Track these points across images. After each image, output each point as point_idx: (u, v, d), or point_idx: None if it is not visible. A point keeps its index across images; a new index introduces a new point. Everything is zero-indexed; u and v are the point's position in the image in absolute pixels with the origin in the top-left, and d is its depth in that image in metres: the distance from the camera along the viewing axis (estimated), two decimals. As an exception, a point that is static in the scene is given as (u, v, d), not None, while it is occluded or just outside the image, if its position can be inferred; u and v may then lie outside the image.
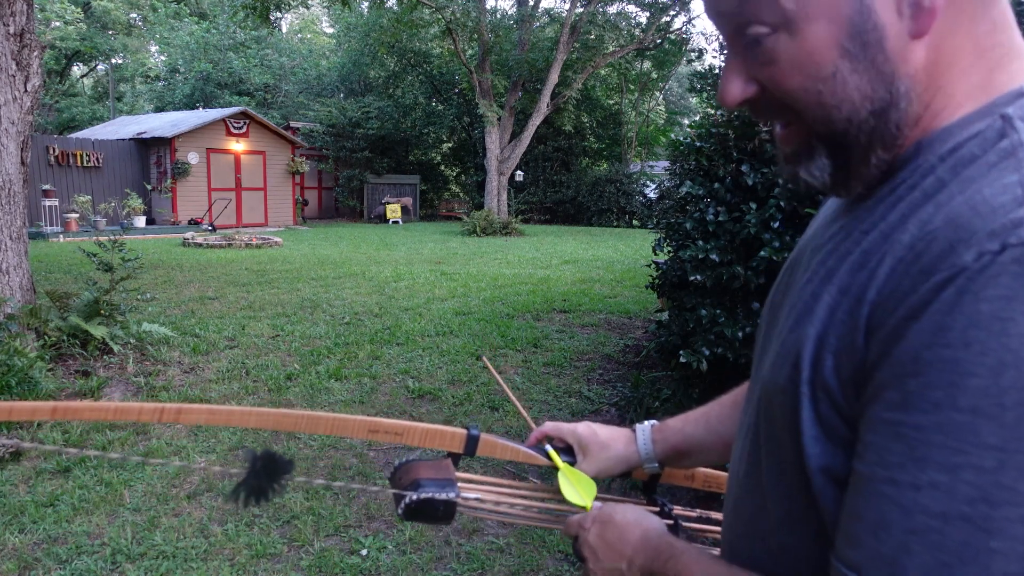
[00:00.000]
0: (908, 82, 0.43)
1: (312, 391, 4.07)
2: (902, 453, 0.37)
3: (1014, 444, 0.34)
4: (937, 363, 0.36)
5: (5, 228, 4.12)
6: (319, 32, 32.99)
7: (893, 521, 0.37)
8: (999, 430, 0.34)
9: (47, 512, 2.58)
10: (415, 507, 0.73)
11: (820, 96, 0.44)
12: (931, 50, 0.42)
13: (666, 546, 0.59)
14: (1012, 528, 0.34)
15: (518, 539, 2.48)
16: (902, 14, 0.42)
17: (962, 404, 0.35)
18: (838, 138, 0.46)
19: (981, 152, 0.40)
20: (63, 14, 23.67)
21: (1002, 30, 0.42)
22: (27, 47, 4.29)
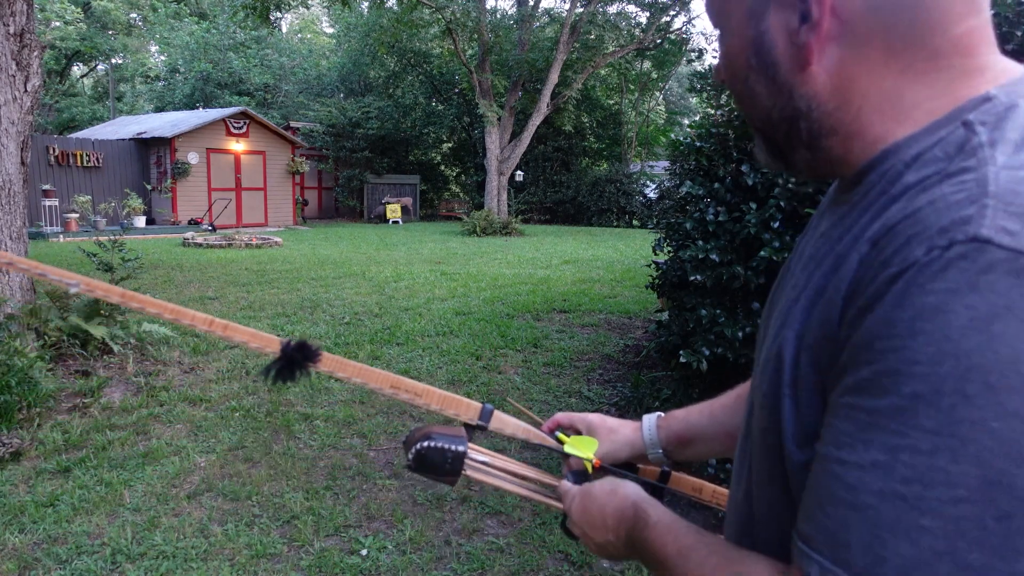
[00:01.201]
0: (809, 100, 0.49)
1: (312, 391, 4.07)
2: (852, 434, 0.40)
3: (948, 429, 0.36)
4: (886, 351, 0.38)
5: (5, 228, 4.12)
6: (319, 32, 32.99)
7: (839, 497, 0.39)
8: (936, 415, 0.36)
9: (47, 512, 2.58)
10: (424, 453, 0.74)
11: (740, 94, 0.54)
12: (833, 77, 0.48)
13: (641, 515, 0.61)
14: (943, 507, 0.36)
15: (518, 539, 2.48)
16: (792, 46, 0.48)
17: (905, 390, 0.37)
18: (760, 131, 0.55)
19: (944, 155, 0.43)
20: (63, 14, 23.67)
21: (956, 54, 0.46)
22: (27, 47, 4.29)
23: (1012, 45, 2.11)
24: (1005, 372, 0.35)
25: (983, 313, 0.36)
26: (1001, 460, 0.35)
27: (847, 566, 0.38)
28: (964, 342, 0.36)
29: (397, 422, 3.62)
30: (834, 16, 0.46)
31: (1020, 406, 0.35)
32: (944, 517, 0.36)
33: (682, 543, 0.55)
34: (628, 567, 2.32)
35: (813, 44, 0.47)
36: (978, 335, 0.36)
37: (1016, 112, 0.43)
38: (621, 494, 0.65)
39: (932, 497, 0.36)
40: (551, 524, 2.58)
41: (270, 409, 3.74)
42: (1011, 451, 0.35)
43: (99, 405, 3.70)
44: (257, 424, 3.54)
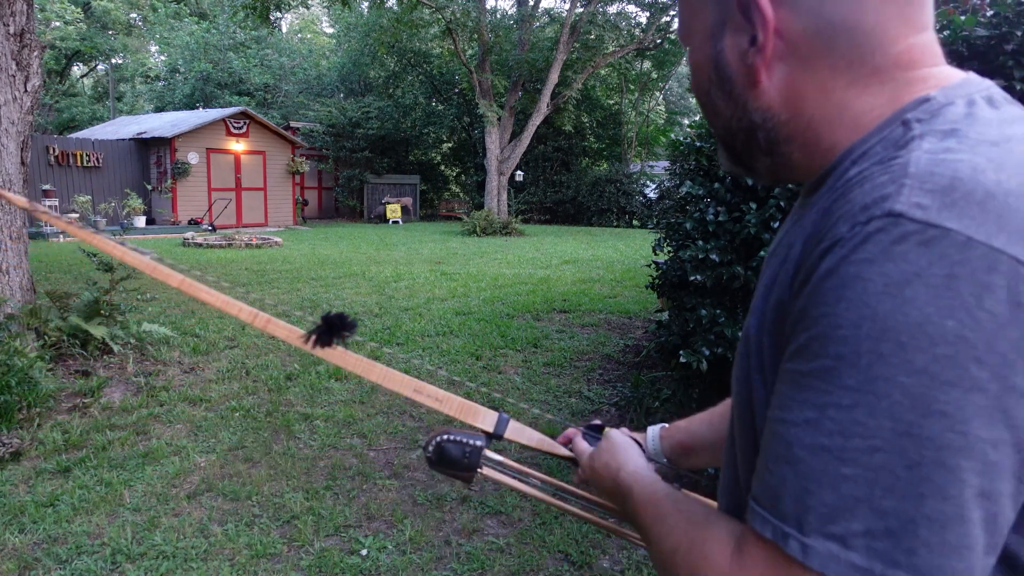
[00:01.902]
0: (763, 113, 0.54)
1: (312, 391, 4.07)
2: (790, 396, 0.43)
3: (866, 385, 0.39)
4: (816, 317, 0.42)
5: (5, 228, 4.12)
6: (319, 32, 32.99)
7: (778, 454, 0.43)
8: (856, 373, 0.40)
9: (47, 512, 2.58)
10: (444, 445, 0.78)
11: (704, 105, 0.59)
12: (783, 92, 0.52)
13: (624, 489, 0.65)
14: (860, 457, 0.39)
15: (518, 539, 2.48)
16: (743, 64, 0.53)
17: (831, 351, 0.41)
18: (722, 139, 0.59)
19: (882, 149, 0.47)
20: (63, 14, 23.66)
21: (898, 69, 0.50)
22: (27, 47, 4.29)
23: (1012, 45, 2.11)
24: (914, 333, 0.38)
25: (895, 280, 0.39)
26: (910, 413, 0.38)
27: (783, 517, 0.42)
28: (879, 306, 0.39)
29: (397, 422, 3.62)
30: (779, 38, 0.51)
31: (927, 363, 0.38)
32: (862, 466, 0.39)
33: (659, 510, 0.58)
34: (628, 567, 2.32)
35: (760, 64, 0.52)
36: (891, 300, 0.39)
37: (950, 108, 0.47)
38: (613, 467, 0.69)
39: (851, 448, 0.39)
40: (551, 524, 2.58)
41: (270, 409, 3.74)
42: (918, 404, 0.38)
43: (99, 405, 3.70)
44: (257, 424, 3.54)
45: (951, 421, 0.38)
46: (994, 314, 0.38)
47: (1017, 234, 0.40)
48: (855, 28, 0.49)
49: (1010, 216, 0.40)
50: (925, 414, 0.38)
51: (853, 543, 0.39)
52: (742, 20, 0.52)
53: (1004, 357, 0.38)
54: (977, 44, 2.18)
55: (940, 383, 0.38)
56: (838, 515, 0.39)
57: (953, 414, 0.38)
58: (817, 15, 0.50)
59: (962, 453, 0.38)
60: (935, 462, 0.38)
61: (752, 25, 0.51)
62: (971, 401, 0.38)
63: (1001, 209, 0.40)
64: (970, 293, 0.38)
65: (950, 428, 0.38)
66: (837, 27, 0.50)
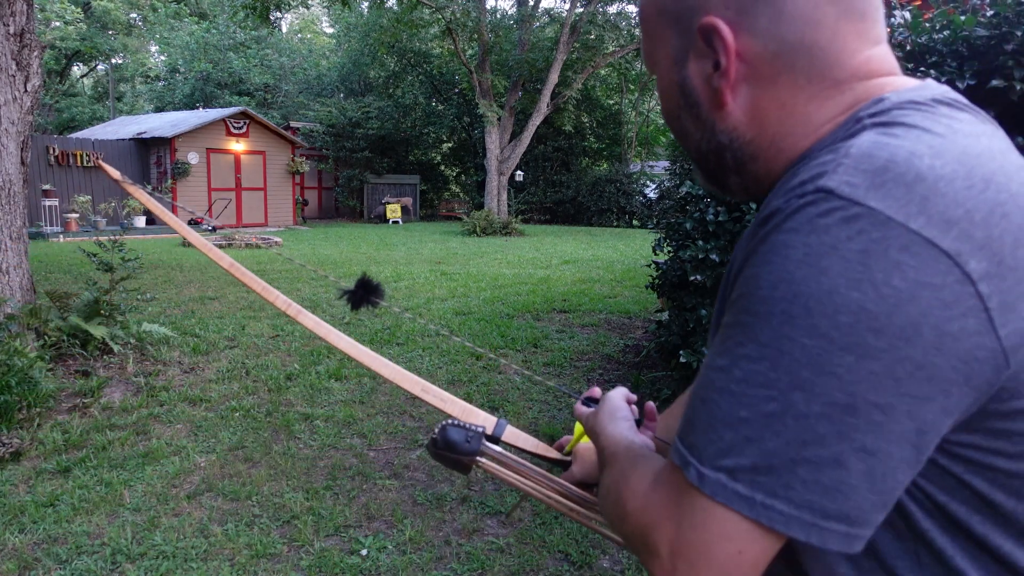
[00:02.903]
0: (730, 134, 0.56)
1: (312, 391, 4.07)
2: (717, 346, 0.48)
3: (774, 343, 0.43)
4: (747, 278, 0.46)
5: (5, 228, 4.12)
6: (319, 32, 32.98)
7: (697, 394, 0.48)
8: (767, 330, 0.44)
9: (47, 512, 2.58)
10: (447, 428, 0.81)
11: (676, 130, 0.62)
12: (748, 112, 0.55)
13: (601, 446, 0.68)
14: (758, 404, 0.43)
15: (518, 539, 2.48)
16: (709, 88, 0.56)
17: (750, 309, 0.45)
18: (695, 160, 0.62)
19: (833, 141, 0.50)
20: (63, 14, 23.66)
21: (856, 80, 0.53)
22: (27, 47, 4.29)
23: (1012, 45, 2.11)
24: (822, 300, 0.42)
25: (815, 250, 0.42)
26: (806, 370, 0.42)
27: (689, 447, 0.47)
28: (796, 273, 0.43)
29: (397, 422, 3.62)
30: (741, 61, 0.53)
31: (828, 329, 0.41)
32: (757, 412, 0.43)
33: (612, 461, 0.62)
34: (628, 567, 2.32)
35: (725, 87, 0.54)
36: (808, 268, 0.42)
37: (903, 106, 0.49)
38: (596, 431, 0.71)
39: (751, 395, 0.44)
40: (551, 524, 2.58)
41: (270, 409, 3.74)
42: (815, 364, 0.42)
43: (99, 405, 3.70)
44: (257, 424, 3.54)
45: (841, 382, 0.41)
46: (898, 290, 0.41)
47: (937, 217, 0.42)
48: (812, 46, 0.52)
49: (936, 200, 0.42)
50: (819, 373, 0.41)
51: (740, 476, 0.44)
52: (704, 46, 0.54)
53: (902, 330, 0.40)
54: (977, 44, 2.18)
55: (837, 348, 0.41)
56: (731, 451, 0.44)
57: (843, 376, 0.41)
58: (775, 37, 0.52)
59: (847, 411, 0.41)
60: (821, 415, 0.42)
61: (714, 51, 0.54)
62: (863, 367, 0.41)
63: (928, 192, 0.42)
64: (879, 269, 0.41)
65: (839, 388, 0.41)
66: (794, 47, 0.52)
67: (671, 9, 0.57)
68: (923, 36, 2.35)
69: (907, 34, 2.40)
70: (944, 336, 0.41)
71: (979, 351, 0.41)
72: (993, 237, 0.42)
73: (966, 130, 0.48)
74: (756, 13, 0.52)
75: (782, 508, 0.43)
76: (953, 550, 0.46)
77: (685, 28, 0.56)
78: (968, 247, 0.41)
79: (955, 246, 0.41)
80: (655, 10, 0.59)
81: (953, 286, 0.41)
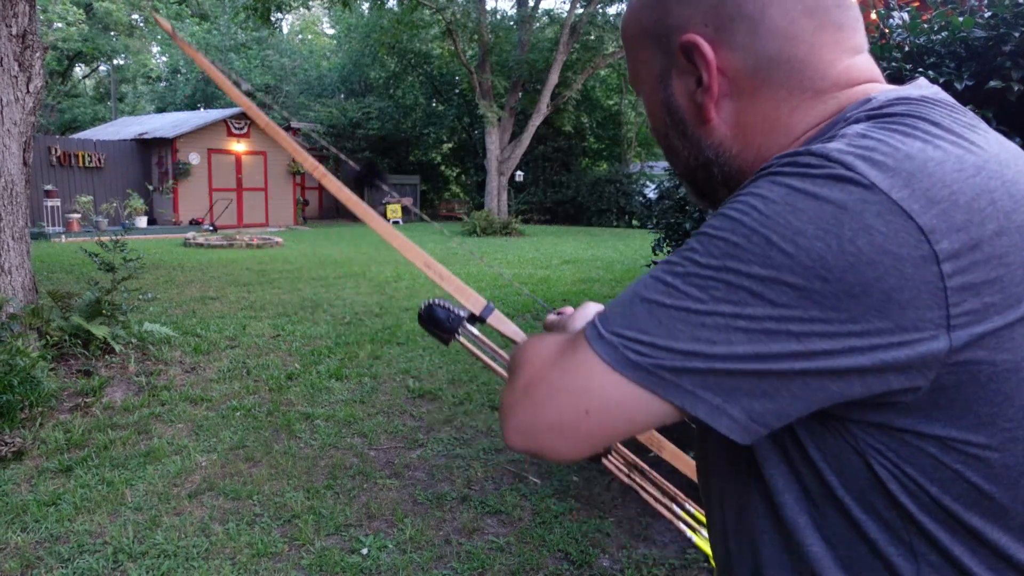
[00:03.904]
0: (716, 149, 0.57)
1: (313, 390, 4.08)
2: (673, 252, 0.50)
3: (726, 256, 0.44)
4: (724, 204, 0.48)
5: (7, 228, 4.13)
6: (320, 33, 33.00)
7: (633, 282, 0.51)
8: (723, 244, 0.45)
9: (49, 511, 2.59)
10: (432, 306, 0.92)
11: (664, 148, 0.63)
12: (732, 127, 0.56)
13: None
14: (687, 301, 0.45)
15: (518, 538, 2.49)
16: (693, 105, 0.57)
17: (716, 224, 0.47)
18: (684, 176, 0.64)
19: (820, 134, 0.52)
20: (65, 15, 23.70)
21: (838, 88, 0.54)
22: (29, 48, 4.31)
23: (1010, 46, 2.12)
24: (786, 236, 0.43)
25: (797, 191, 0.44)
26: (745, 291, 0.43)
27: (602, 317, 0.49)
28: (772, 206, 0.44)
29: (397, 421, 3.63)
30: (722, 76, 0.55)
31: (781, 263, 0.42)
32: (681, 306, 0.45)
33: None
34: (628, 566, 2.33)
35: (708, 103, 0.56)
36: (784, 205, 0.44)
37: (894, 103, 0.50)
38: (564, 330, 0.73)
39: (683, 291, 0.46)
40: (551, 523, 2.59)
41: (271, 409, 3.76)
42: (755, 288, 0.43)
43: (101, 405, 3.71)
44: (258, 423, 3.55)
45: (773, 309, 0.43)
46: (860, 252, 0.41)
47: (921, 193, 0.42)
48: (790, 59, 0.53)
49: (923, 178, 0.43)
50: (755, 296, 0.43)
51: (634, 345, 0.46)
52: (686, 63, 0.56)
53: (850, 289, 0.41)
54: (975, 45, 2.19)
55: (782, 282, 0.42)
56: (636, 326, 0.46)
57: (777, 305, 0.43)
58: (753, 52, 0.53)
59: (769, 336, 0.43)
60: (744, 332, 0.43)
61: (696, 67, 0.55)
62: (801, 305, 0.42)
63: (916, 170, 0.43)
64: (849, 227, 0.42)
65: (770, 316, 0.43)
66: (773, 60, 0.53)
67: (652, 29, 0.58)
68: (921, 37, 2.35)
69: (905, 35, 2.41)
70: (891, 303, 0.41)
71: (922, 323, 0.42)
72: (974, 221, 0.42)
73: (963, 120, 0.49)
74: (733, 29, 0.53)
75: (665, 376, 0.45)
76: (950, 542, 0.46)
77: (666, 47, 0.57)
78: (945, 226, 0.42)
79: (932, 223, 0.42)
80: (637, 31, 0.60)
81: (916, 260, 0.41)
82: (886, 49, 2.34)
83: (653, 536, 2.50)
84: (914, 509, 0.46)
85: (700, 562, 2.33)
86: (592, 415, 0.47)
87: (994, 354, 0.43)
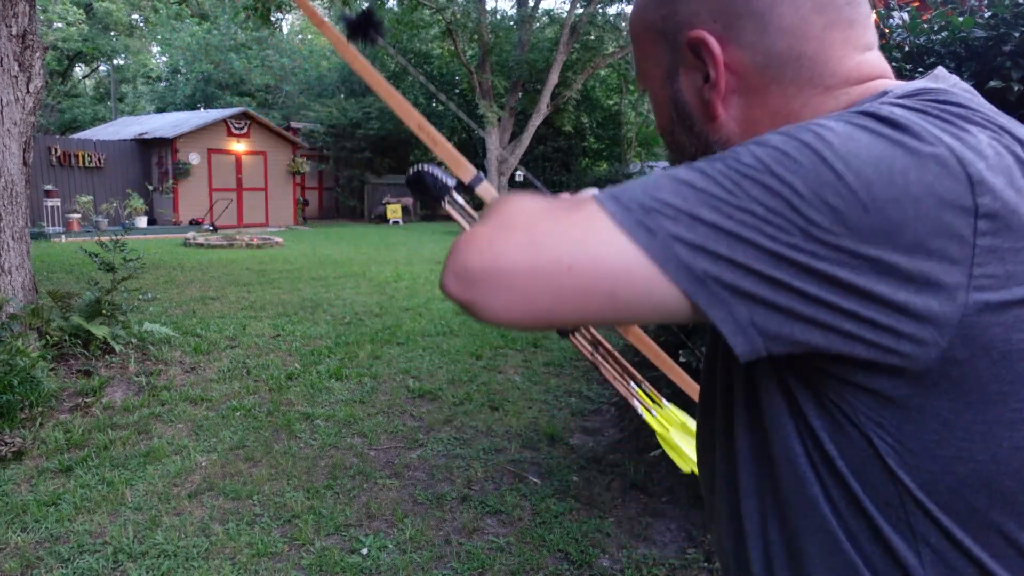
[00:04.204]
0: (724, 145, 0.56)
1: (313, 390, 4.08)
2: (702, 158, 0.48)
3: (711, 167, 0.43)
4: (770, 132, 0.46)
5: (7, 228, 4.13)
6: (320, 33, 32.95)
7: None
8: (719, 159, 0.44)
9: (49, 511, 2.59)
10: (422, 171, 0.92)
11: (670, 144, 0.62)
12: (741, 123, 0.56)
13: None
14: (665, 186, 0.43)
15: (518, 538, 2.49)
16: (700, 101, 0.56)
17: (746, 144, 0.45)
18: None
19: None
20: (65, 15, 23.70)
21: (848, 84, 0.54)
22: (29, 48, 4.31)
23: (1010, 46, 2.12)
24: (837, 154, 0.41)
25: (850, 124, 0.43)
26: (754, 190, 0.41)
27: (618, 188, 0.46)
28: (820, 130, 0.43)
29: (397, 421, 3.63)
30: (730, 73, 0.54)
31: (799, 177, 0.41)
32: (684, 187, 0.43)
33: None
34: (628, 566, 2.33)
35: (716, 99, 0.55)
36: (834, 133, 0.42)
37: (916, 93, 0.49)
38: None
39: (686, 177, 0.43)
40: (551, 523, 2.59)
41: (271, 409, 3.76)
42: (757, 188, 0.41)
43: (101, 405, 3.71)
44: (258, 423, 3.55)
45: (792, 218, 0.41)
46: (907, 187, 0.40)
47: (971, 146, 0.43)
48: (800, 56, 0.53)
49: (967, 137, 0.43)
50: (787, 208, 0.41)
51: (651, 214, 0.42)
52: (694, 59, 0.55)
53: (886, 224, 0.40)
54: (975, 45, 2.19)
55: (813, 195, 0.40)
56: (650, 201, 0.43)
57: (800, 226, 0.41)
58: (762, 49, 0.53)
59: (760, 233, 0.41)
60: (737, 220, 0.41)
61: (703, 63, 0.55)
62: (827, 237, 0.40)
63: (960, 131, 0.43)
64: (902, 162, 0.41)
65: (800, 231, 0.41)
66: (783, 58, 0.53)
67: (659, 25, 0.58)
68: (921, 37, 2.35)
69: (905, 35, 2.41)
70: (921, 248, 0.40)
71: (946, 275, 0.41)
72: (1013, 186, 0.43)
73: (988, 106, 0.49)
74: (741, 26, 0.53)
75: (680, 252, 0.41)
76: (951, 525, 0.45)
77: (673, 43, 0.57)
78: (990, 183, 0.41)
79: (980, 175, 0.41)
80: (644, 27, 0.59)
81: (958, 209, 0.41)
82: (886, 49, 2.34)
83: (653, 536, 2.50)
84: (914, 487, 0.45)
85: (700, 562, 2.34)
86: (574, 272, 0.42)
87: (1010, 332, 0.42)
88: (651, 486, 2.86)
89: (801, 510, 0.49)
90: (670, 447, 0.96)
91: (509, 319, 0.43)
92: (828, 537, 0.48)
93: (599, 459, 3.15)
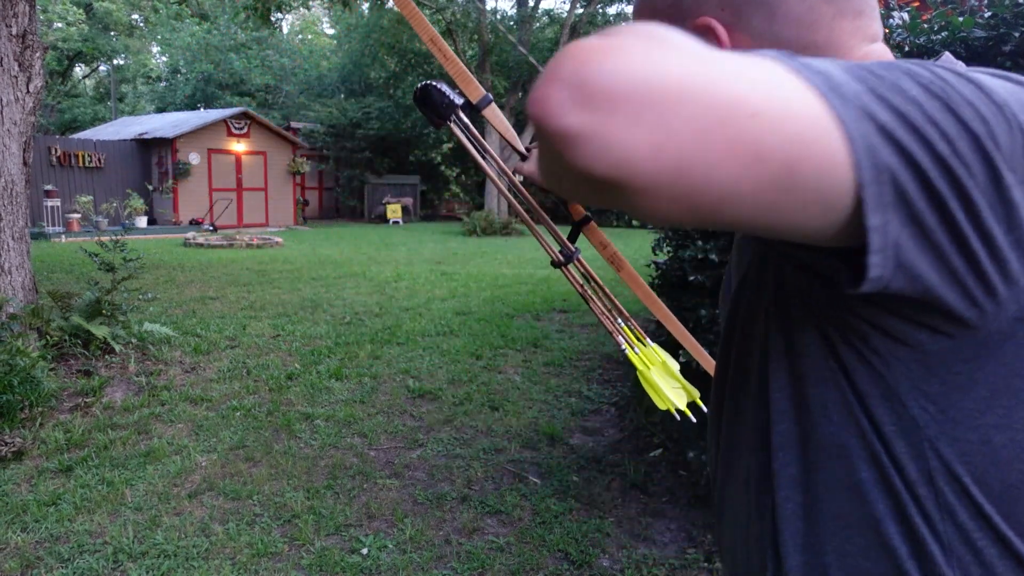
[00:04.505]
0: None
1: (313, 390, 4.08)
2: None
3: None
4: None
5: (8, 228, 4.13)
6: (320, 33, 33.00)
7: None
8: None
9: (49, 511, 2.59)
10: (429, 87, 0.89)
11: None
12: None
13: None
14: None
15: (518, 538, 2.49)
16: None
17: None
18: None
19: None
20: (65, 15, 23.71)
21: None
22: (29, 48, 4.31)
23: (1009, 46, 2.12)
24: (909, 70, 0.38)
25: (916, 61, 0.41)
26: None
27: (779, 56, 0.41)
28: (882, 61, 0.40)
29: (397, 421, 3.63)
30: None
31: (936, 99, 0.37)
32: (839, 71, 0.37)
33: None
34: (628, 566, 2.33)
35: None
36: (896, 65, 0.39)
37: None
38: None
39: (830, 67, 0.37)
40: (551, 523, 2.59)
41: (271, 409, 3.76)
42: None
43: (101, 405, 3.71)
44: (258, 423, 3.55)
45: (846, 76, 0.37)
46: (972, 101, 0.38)
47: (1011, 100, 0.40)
48: (808, 46, 0.52)
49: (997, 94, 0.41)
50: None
51: (815, 71, 0.36)
52: None
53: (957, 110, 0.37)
54: (975, 45, 2.19)
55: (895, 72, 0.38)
56: (813, 68, 0.37)
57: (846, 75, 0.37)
58: (770, 36, 0.52)
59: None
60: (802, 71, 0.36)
61: None
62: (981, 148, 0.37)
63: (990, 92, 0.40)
64: (969, 88, 0.38)
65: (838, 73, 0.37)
66: (790, 46, 0.52)
67: (666, 12, 0.57)
68: (921, 37, 2.35)
69: (905, 35, 2.41)
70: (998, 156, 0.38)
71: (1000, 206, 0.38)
72: None
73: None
74: (750, 14, 0.53)
75: (868, 128, 0.34)
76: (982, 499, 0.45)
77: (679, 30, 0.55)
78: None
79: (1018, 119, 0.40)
80: (650, 13, 0.59)
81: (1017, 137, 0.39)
82: (886, 49, 2.34)
83: (653, 536, 2.50)
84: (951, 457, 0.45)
85: (700, 562, 2.34)
86: (757, 121, 0.31)
87: None
88: (651, 486, 2.86)
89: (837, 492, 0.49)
90: (649, 385, 0.96)
91: (641, 171, 0.30)
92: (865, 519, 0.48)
93: (599, 459, 3.15)
